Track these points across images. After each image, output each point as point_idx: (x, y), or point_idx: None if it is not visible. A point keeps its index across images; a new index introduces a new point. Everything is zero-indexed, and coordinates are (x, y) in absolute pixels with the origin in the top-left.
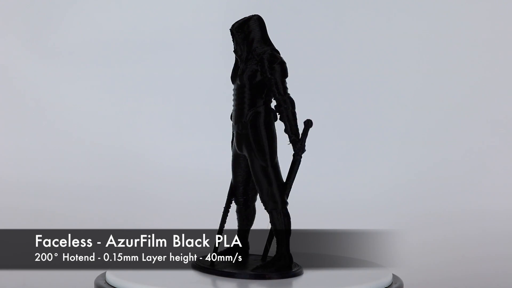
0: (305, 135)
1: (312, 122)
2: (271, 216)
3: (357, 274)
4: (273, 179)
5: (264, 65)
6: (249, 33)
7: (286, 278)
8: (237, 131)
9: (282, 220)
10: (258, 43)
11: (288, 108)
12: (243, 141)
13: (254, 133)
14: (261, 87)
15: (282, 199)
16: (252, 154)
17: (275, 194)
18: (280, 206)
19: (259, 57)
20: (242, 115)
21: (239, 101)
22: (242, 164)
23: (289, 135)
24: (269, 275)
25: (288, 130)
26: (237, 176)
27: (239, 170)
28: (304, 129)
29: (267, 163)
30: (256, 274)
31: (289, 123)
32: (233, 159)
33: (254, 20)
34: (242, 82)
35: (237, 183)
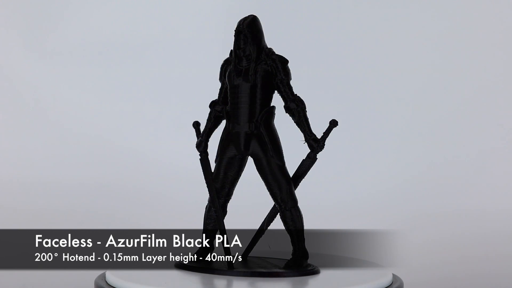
0: (327, 134)
1: (337, 122)
2: (289, 214)
3: (357, 274)
4: (290, 178)
5: (278, 66)
6: (257, 32)
7: (304, 276)
8: (246, 131)
9: (300, 217)
10: (265, 43)
11: (304, 108)
12: (254, 141)
13: (270, 133)
14: (271, 87)
15: (296, 197)
16: (268, 154)
17: (293, 192)
18: (296, 204)
19: (270, 58)
20: (254, 115)
21: (250, 101)
22: (236, 164)
23: (309, 134)
24: (285, 273)
25: (307, 130)
26: (227, 177)
27: (231, 171)
28: (328, 128)
29: (283, 161)
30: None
31: (307, 122)
32: (226, 159)
33: (258, 19)
34: (254, 82)
35: (224, 184)
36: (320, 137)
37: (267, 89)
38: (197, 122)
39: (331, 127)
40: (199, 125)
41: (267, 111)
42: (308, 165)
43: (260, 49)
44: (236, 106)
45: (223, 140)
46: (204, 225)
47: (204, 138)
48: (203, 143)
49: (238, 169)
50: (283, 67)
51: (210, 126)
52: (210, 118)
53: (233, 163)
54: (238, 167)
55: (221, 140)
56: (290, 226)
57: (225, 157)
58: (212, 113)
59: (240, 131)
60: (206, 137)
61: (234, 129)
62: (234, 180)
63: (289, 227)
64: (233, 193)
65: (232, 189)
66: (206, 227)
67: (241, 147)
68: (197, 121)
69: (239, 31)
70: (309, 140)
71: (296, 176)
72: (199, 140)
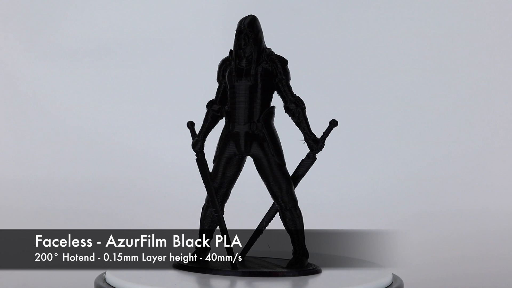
0: (327, 134)
1: (337, 122)
2: (289, 214)
3: (357, 274)
4: (290, 178)
5: (278, 66)
6: (258, 32)
7: (304, 276)
8: (246, 131)
9: (300, 217)
10: (264, 43)
11: (304, 108)
12: (255, 141)
13: (270, 132)
14: (271, 87)
15: (296, 197)
16: (269, 153)
17: (294, 192)
18: (296, 204)
19: (269, 58)
20: (254, 115)
21: (251, 101)
22: (234, 164)
23: (308, 134)
24: (286, 273)
25: (306, 130)
26: (225, 177)
27: (229, 171)
28: (328, 128)
29: (283, 161)
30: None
31: (306, 122)
32: (225, 159)
33: (257, 19)
34: (255, 82)
35: (222, 184)
36: (320, 137)
37: (268, 89)
38: (192, 122)
39: (331, 127)
40: (194, 125)
41: (267, 111)
42: (307, 165)
43: (261, 50)
44: (236, 106)
45: (222, 140)
46: (201, 225)
47: (201, 138)
48: (199, 142)
49: (236, 169)
50: (282, 67)
51: (207, 126)
52: (207, 118)
53: (232, 163)
54: (237, 167)
55: (220, 140)
56: (290, 226)
57: (224, 157)
58: (210, 113)
59: (240, 131)
60: (203, 137)
61: (234, 129)
62: (232, 180)
63: (289, 227)
64: (230, 193)
65: (230, 190)
66: (203, 227)
67: (242, 147)
68: (192, 121)
69: (240, 30)
70: (308, 140)
71: (295, 175)
72: (195, 139)
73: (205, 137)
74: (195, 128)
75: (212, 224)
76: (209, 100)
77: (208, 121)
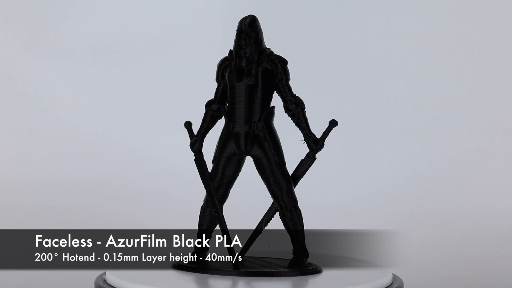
0: (327, 134)
1: (337, 122)
2: (289, 214)
3: (357, 274)
4: (290, 178)
5: (278, 66)
6: (258, 32)
7: (304, 276)
8: (247, 131)
9: (300, 217)
10: (264, 44)
11: (303, 108)
12: (255, 141)
13: (271, 132)
14: (271, 88)
15: (296, 197)
16: (270, 153)
17: (294, 192)
18: (296, 204)
19: (270, 58)
20: (254, 115)
21: (251, 101)
22: (234, 164)
23: (308, 135)
24: (286, 273)
25: (306, 130)
26: (224, 177)
27: (229, 171)
28: (327, 128)
29: (283, 161)
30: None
31: (306, 123)
32: (225, 159)
33: (257, 19)
34: (255, 82)
35: (221, 184)
36: (320, 137)
37: (268, 90)
38: (189, 122)
39: (330, 127)
40: (191, 125)
41: (268, 111)
42: (307, 165)
43: (261, 50)
44: (236, 106)
45: (222, 140)
46: (199, 225)
47: (199, 138)
48: (198, 142)
49: (236, 169)
50: (282, 67)
51: (205, 126)
52: (206, 118)
53: (232, 163)
54: (237, 167)
55: (220, 139)
56: (290, 226)
57: (224, 156)
58: (208, 113)
59: (241, 131)
60: (202, 137)
61: (235, 129)
62: (231, 180)
63: (289, 227)
64: (229, 193)
65: (229, 190)
66: (201, 227)
67: (242, 147)
68: (189, 121)
69: (241, 30)
70: (308, 140)
71: (295, 175)
72: (194, 139)
73: (203, 137)
74: (192, 128)
75: (210, 224)
76: (208, 100)
77: (207, 121)
